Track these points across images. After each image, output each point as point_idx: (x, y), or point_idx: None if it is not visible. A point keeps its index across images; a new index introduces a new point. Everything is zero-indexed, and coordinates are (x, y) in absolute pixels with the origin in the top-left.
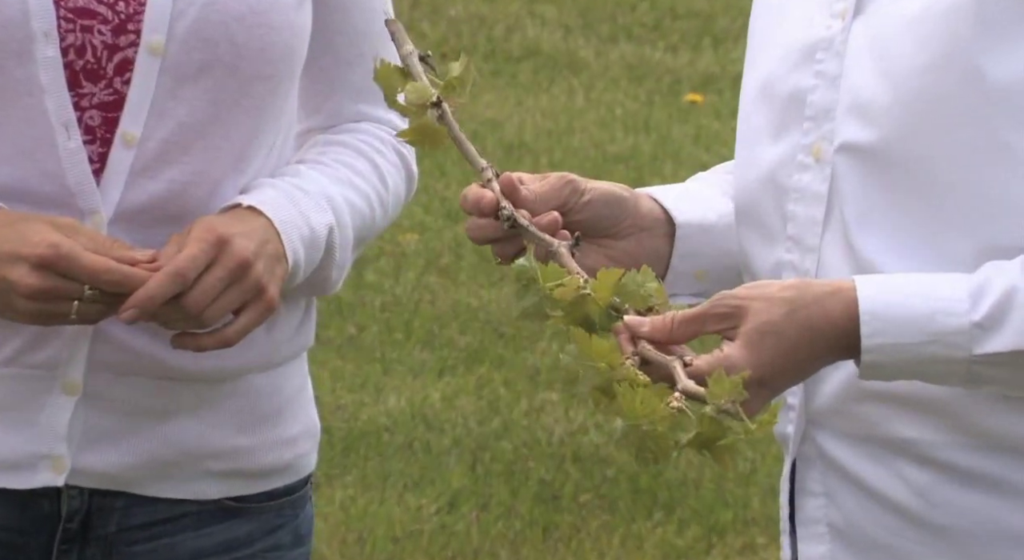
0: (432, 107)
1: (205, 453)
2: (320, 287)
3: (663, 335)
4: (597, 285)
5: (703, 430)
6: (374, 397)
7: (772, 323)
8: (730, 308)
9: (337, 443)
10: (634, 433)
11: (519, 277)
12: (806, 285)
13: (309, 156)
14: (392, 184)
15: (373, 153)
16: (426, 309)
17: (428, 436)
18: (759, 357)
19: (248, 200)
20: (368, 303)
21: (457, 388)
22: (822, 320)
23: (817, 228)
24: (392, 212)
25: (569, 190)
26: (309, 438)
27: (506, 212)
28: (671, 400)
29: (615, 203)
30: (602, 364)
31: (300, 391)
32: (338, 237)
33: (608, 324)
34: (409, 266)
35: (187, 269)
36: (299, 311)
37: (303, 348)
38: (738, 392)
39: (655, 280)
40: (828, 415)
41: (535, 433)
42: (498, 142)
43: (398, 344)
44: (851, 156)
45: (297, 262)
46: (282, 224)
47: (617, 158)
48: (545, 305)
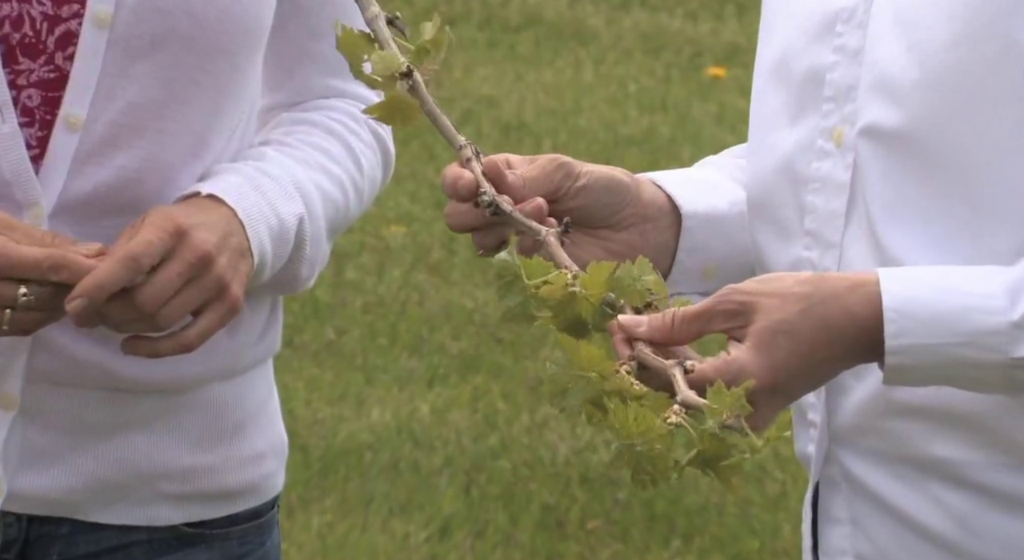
0: (402, 77)
1: (159, 473)
2: (289, 285)
3: (663, 335)
4: (588, 280)
5: (705, 448)
6: (355, 410)
7: (785, 321)
8: (738, 305)
9: (314, 462)
10: (628, 452)
11: (501, 273)
12: (823, 279)
13: (274, 137)
14: (367, 167)
15: (345, 132)
16: (414, 311)
17: (416, 454)
18: (771, 360)
19: (208, 188)
20: (349, 304)
21: (449, 400)
22: (842, 318)
23: (839, 221)
24: (368, 199)
25: (562, 174)
26: (276, 455)
27: (486, 197)
28: (669, 414)
29: (614, 189)
30: (593, 373)
31: (266, 402)
32: (309, 229)
33: (602, 324)
34: (395, 262)
35: (142, 254)
36: (264, 312)
37: (269, 354)
38: (740, 405)
39: (653, 272)
40: (854, 432)
41: (537, 451)
42: (494, 122)
43: (382, 350)
44: (875, 140)
45: (263, 257)
46: (246, 214)
47: (630, 141)
48: (530, 305)
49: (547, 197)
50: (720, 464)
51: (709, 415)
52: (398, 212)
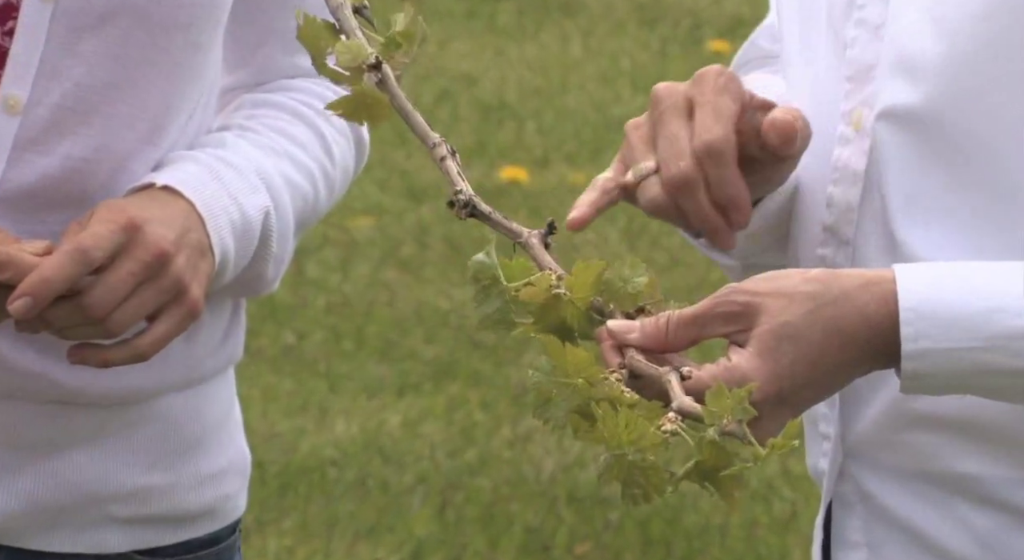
0: (370, 70)
1: (107, 495)
2: (253, 286)
3: (656, 341)
4: (574, 282)
5: (703, 458)
6: (317, 422)
7: (791, 324)
8: (739, 306)
9: (271, 480)
10: (619, 465)
11: (478, 276)
12: (834, 277)
13: (235, 121)
14: (339, 155)
15: (314, 116)
16: (383, 312)
17: (385, 471)
18: (776, 367)
19: (163, 178)
20: (310, 304)
21: (422, 411)
22: (853, 319)
23: (852, 215)
24: (339, 190)
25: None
26: (238, 474)
27: (462, 196)
28: (663, 422)
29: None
30: (579, 380)
31: (226, 416)
32: (275, 223)
33: (589, 330)
34: (361, 258)
35: (91, 248)
36: (225, 316)
37: (230, 362)
38: (743, 408)
39: (645, 274)
40: (870, 446)
41: (520, 467)
42: (472, 103)
43: (347, 356)
44: (894, 124)
45: (226, 255)
46: (206, 207)
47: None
48: (510, 310)
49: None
50: (720, 475)
51: (708, 419)
52: (365, 202)
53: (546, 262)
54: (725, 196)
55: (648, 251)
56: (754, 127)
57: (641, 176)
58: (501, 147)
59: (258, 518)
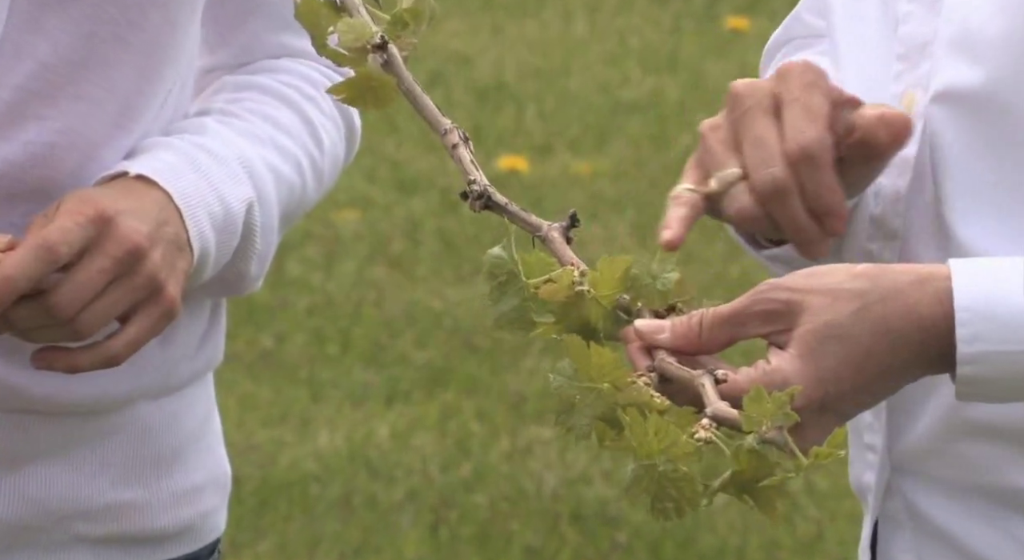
0: (374, 50)
1: (76, 511)
2: (234, 284)
3: (688, 342)
4: (598, 278)
5: (741, 467)
6: (298, 433)
7: (837, 324)
8: (780, 304)
9: (247, 497)
10: (648, 476)
11: (493, 272)
12: (883, 272)
13: (215, 105)
14: (328, 142)
15: (302, 100)
16: (370, 313)
17: (373, 487)
18: (819, 370)
19: (137, 167)
20: (290, 305)
21: (413, 421)
22: (904, 319)
23: (900, 206)
24: (328, 180)
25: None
26: (217, 489)
27: (477, 187)
28: (697, 429)
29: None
30: (604, 384)
31: (205, 426)
32: (259, 216)
33: (615, 331)
34: (347, 254)
35: (58, 242)
36: (204, 317)
37: (209, 367)
38: (784, 413)
39: (676, 269)
40: (921, 458)
41: (519, 482)
42: (468, 85)
43: (332, 361)
44: (950, 107)
45: (205, 250)
46: (184, 199)
47: (632, 107)
48: (529, 309)
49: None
50: (758, 486)
51: (746, 425)
52: (351, 194)
53: (568, 257)
54: (822, 204)
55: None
56: (844, 126)
57: (727, 183)
58: (498, 134)
59: (233, 539)
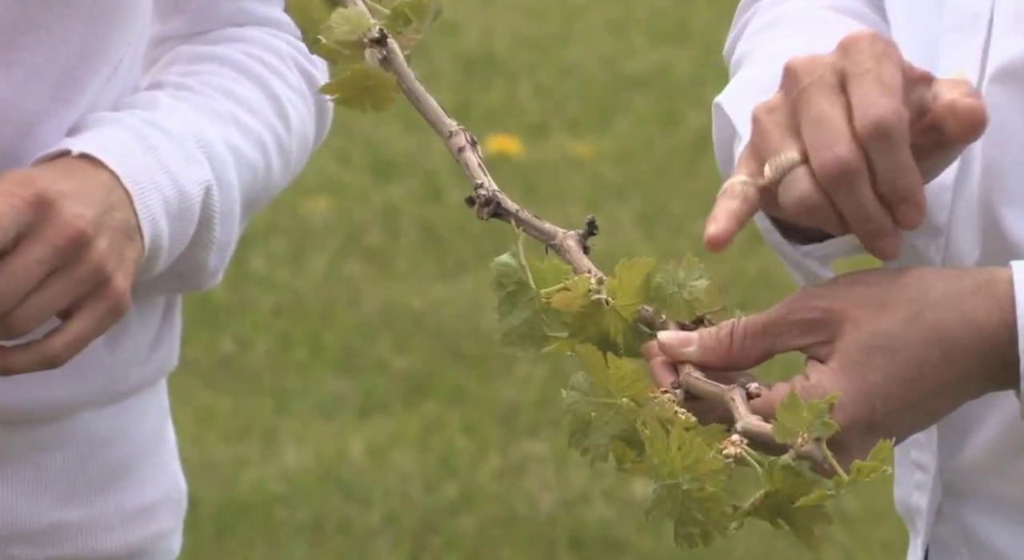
0: (372, 45)
1: (12, 533)
2: (191, 279)
3: (718, 356)
4: (618, 287)
5: (775, 487)
6: (263, 449)
7: (884, 334)
8: (820, 312)
9: (205, 521)
10: (671, 497)
11: (502, 281)
12: (936, 276)
13: (170, 78)
14: (296, 120)
15: (267, 73)
16: (344, 314)
17: (347, 509)
18: (865, 385)
19: (81, 145)
20: (253, 305)
21: (391, 435)
22: (960, 329)
23: (945, 196)
24: (296, 163)
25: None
26: (172, 509)
27: (484, 192)
28: (725, 445)
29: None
30: (624, 399)
31: (158, 438)
32: (219, 202)
33: (636, 345)
34: (317, 247)
35: None
36: (156, 316)
37: (162, 372)
38: (822, 423)
39: (705, 276)
40: (977, 478)
41: (511, 504)
42: (455, 57)
43: (300, 368)
44: (1011, 85)
45: (158, 238)
46: (134, 181)
47: (638, 80)
48: (541, 322)
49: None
50: (795, 508)
51: (779, 436)
52: (321, 179)
53: (585, 267)
54: (897, 188)
55: (669, 238)
56: (916, 106)
57: (783, 170)
58: (487, 112)
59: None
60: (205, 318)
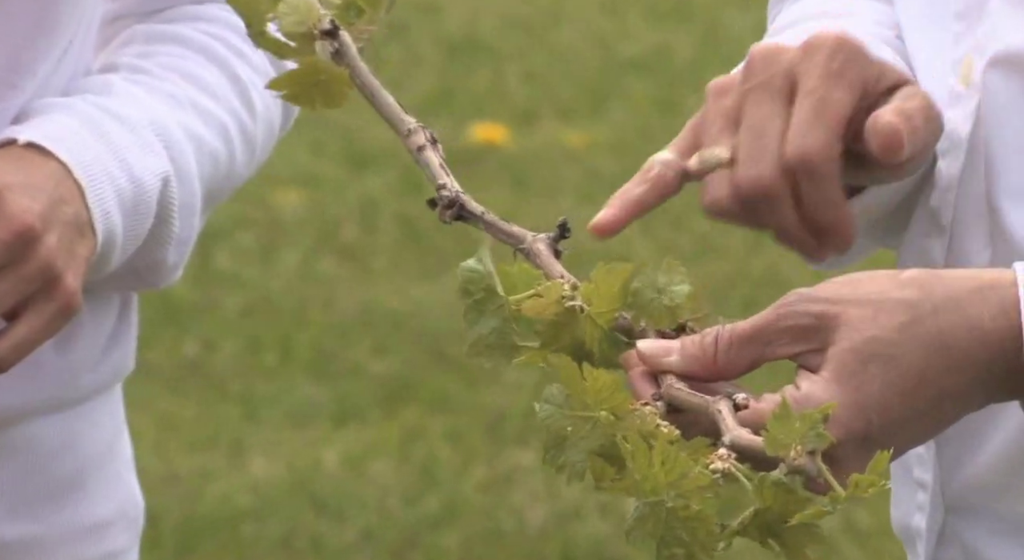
0: (323, 37)
1: None
2: (148, 276)
3: (702, 365)
4: (594, 292)
5: (766, 504)
6: (229, 460)
7: (881, 341)
8: (812, 318)
9: (167, 537)
10: (654, 515)
11: (469, 288)
12: (936, 279)
13: (124, 60)
14: (261, 105)
15: (228, 54)
16: (317, 315)
17: (321, 525)
18: (861, 396)
19: (28, 133)
20: (219, 305)
21: (369, 445)
22: (963, 335)
23: (950, 194)
24: (262, 151)
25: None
26: (127, 526)
27: (447, 193)
28: (712, 460)
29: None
30: (602, 412)
31: (112, 449)
32: (177, 194)
33: (614, 355)
34: (288, 243)
35: None
36: (111, 317)
37: (117, 378)
38: (816, 435)
39: (686, 281)
40: (982, 497)
41: (498, 518)
42: (437, 39)
43: (271, 372)
44: (1010, 72)
45: (111, 233)
46: (86, 172)
47: (634, 64)
48: (511, 331)
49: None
50: (786, 527)
51: (770, 449)
52: (292, 169)
53: (557, 272)
54: (820, 220)
55: (670, 234)
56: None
57: (708, 167)
58: (473, 98)
59: None
60: (167, 319)
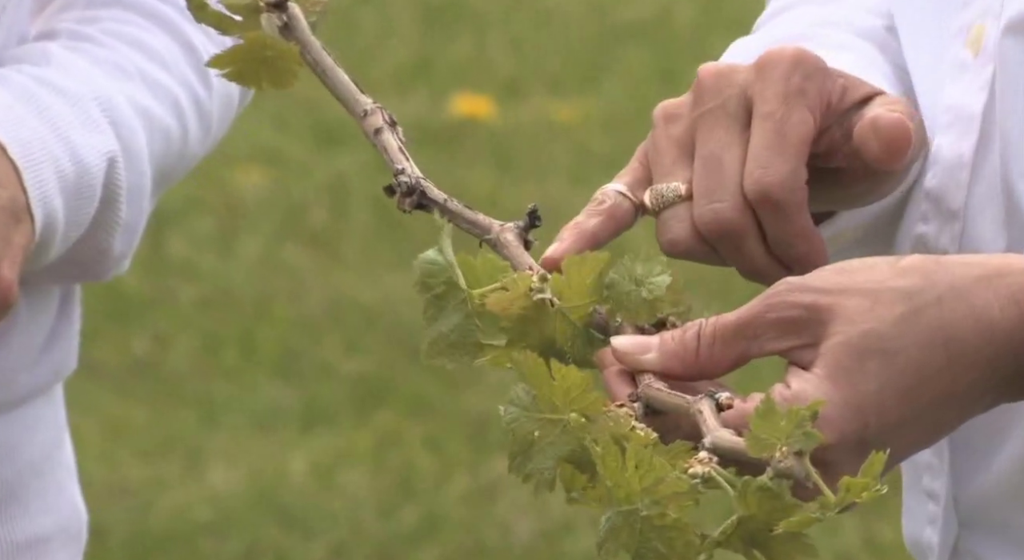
0: (270, 9)
1: None
2: (93, 266)
3: (683, 363)
4: (564, 285)
5: (750, 511)
6: (184, 469)
7: (878, 334)
8: (802, 310)
9: (115, 555)
10: (628, 526)
11: (428, 281)
12: (938, 266)
13: (63, 26)
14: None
15: (180, 19)
16: (282, 308)
17: (286, 541)
18: (856, 395)
19: None
20: (173, 297)
21: (339, 452)
22: (968, 327)
23: (962, 175)
24: (218, 127)
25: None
26: (68, 542)
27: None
28: (692, 463)
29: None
30: (572, 414)
31: (52, 457)
32: (125, 175)
33: (588, 353)
34: (250, 229)
35: None
36: (50, 311)
37: (57, 378)
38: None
39: (668, 271)
40: (998, 509)
41: (480, 532)
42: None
43: (230, 372)
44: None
45: (52, 219)
46: (24, 152)
47: (631, 30)
48: (475, 327)
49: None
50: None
51: (753, 450)
52: (254, 146)
53: (526, 264)
54: (791, 254)
55: None
56: (843, 132)
57: (663, 203)
58: (454, 68)
59: None
60: (114, 313)
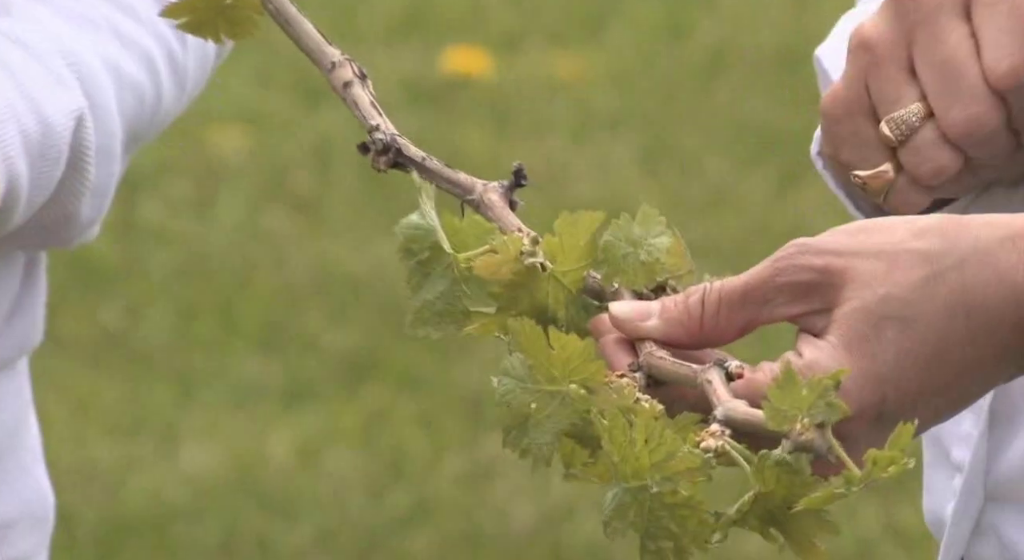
0: None
1: None
2: (60, 232)
3: (687, 330)
4: (557, 246)
5: (767, 488)
6: (157, 449)
7: (896, 299)
8: (815, 273)
9: (83, 541)
10: (637, 503)
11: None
12: (961, 226)
13: None
14: None
15: None
16: (264, 277)
17: (267, 525)
18: (874, 364)
19: None
20: (146, 265)
21: (324, 430)
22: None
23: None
24: (194, 84)
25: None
26: (34, 526)
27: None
28: (703, 437)
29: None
30: (571, 385)
31: (15, 436)
32: (94, 135)
33: (582, 320)
34: (229, 192)
35: None
36: (14, 280)
37: (21, 352)
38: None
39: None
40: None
41: (476, 516)
42: None
43: (208, 345)
44: None
45: (15, 183)
46: None
47: None
48: (462, 294)
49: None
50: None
51: (771, 422)
52: (233, 105)
53: (512, 225)
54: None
55: (676, 180)
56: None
57: (908, 129)
58: (446, 19)
59: None
60: (84, 282)
